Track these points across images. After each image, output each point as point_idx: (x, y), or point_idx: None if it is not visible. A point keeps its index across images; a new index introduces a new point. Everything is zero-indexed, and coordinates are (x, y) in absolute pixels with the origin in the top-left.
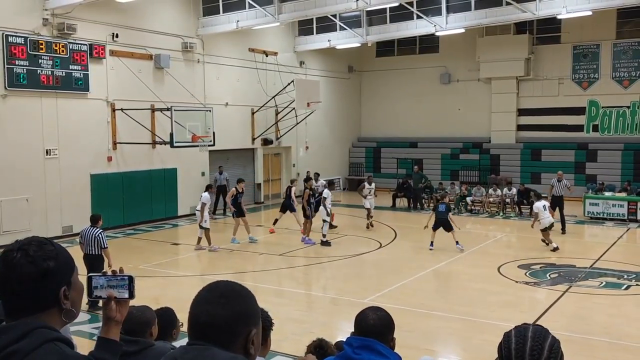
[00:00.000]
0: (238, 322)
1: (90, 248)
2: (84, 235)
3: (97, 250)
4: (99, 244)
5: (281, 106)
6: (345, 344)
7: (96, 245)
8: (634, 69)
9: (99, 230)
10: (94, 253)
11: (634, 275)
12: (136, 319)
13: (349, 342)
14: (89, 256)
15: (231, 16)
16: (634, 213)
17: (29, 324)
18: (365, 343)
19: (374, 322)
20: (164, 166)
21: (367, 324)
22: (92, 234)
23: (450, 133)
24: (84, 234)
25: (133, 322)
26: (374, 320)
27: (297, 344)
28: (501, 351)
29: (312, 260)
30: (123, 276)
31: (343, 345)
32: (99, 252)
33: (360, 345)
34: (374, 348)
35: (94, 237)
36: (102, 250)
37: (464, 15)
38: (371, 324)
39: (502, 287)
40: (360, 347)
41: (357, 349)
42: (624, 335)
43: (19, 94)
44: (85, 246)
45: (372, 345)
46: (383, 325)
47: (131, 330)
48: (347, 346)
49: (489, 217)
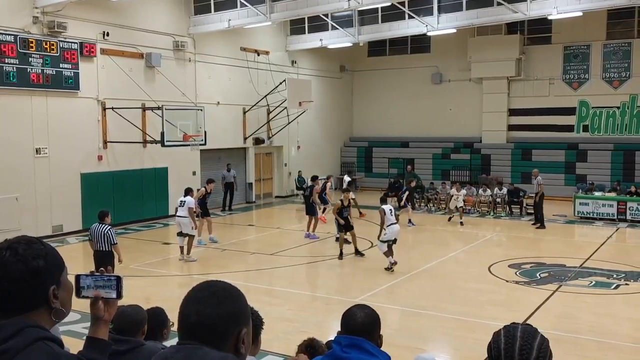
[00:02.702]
0: (228, 321)
1: (100, 245)
2: (93, 232)
3: (107, 247)
4: (108, 240)
5: (273, 105)
6: (334, 343)
7: (106, 242)
8: (624, 70)
9: (107, 227)
10: (104, 249)
11: (624, 275)
12: (130, 318)
13: (338, 341)
14: (99, 252)
15: (223, 15)
16: (624, 213)
17: (18, 323)
18: (354, 342)
19: (361, 320)
20: (154, 165)
21: (355, 322)
22: (101, 231)
23: (441, 133)
24: (92, 231)
25: (127, 320)
26: (362, 319)
27: (288, 344)
28: (491, 351)
29: (303, 260)
30: (110, 276)
31: (331, 344)
32: (109, 248)
33: (349, 344)
34: (362, 347)
35: (103, 233)
36: (112, 246)
37: (455, 15)
38: (359, 322)
39: (493, 287)
40: (349, 346)
41: (346, 347)
42: (613, 334)
43: (8, 93)
44: (95, 243)
45: (361, 344)
46: (371, 323)
47: (124, 329)
48: (335, 345)
49: (480, 216)
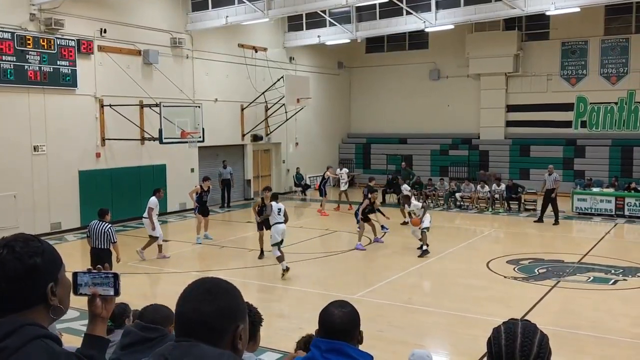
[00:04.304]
0: (224, 318)
1: (98, 242)
2: (92, 229)
3: (106, 245)
4: (108, 239)
5: (271, 102)
6: (313, 346)
7: (105, 240)
8: (621, 66)
9: (107, 225)
10: (102, 247)
11: (622, 270)
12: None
13: (317, 345)
14: (96, 250)
15: (220, 12)
16: (622, 208)
17: (16, 321)
18: (334, 346)
19: (340, 320)
20: (152, 162)
21: (333, 322)
22: (101, 229)
23: (439, 129)
24: (92, 228)
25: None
26: (340, 318)
27: (287, 340)
28: (491, 347)
29: (302, 257)
30: (108, 274)
31: (310, 347)
32: (108, 246)
33: (329, 349)
34: (343, 351)
35: (103, 231)
36: (112, 244)
37: (453, 11)
38: (338, 322)
39: (491, 283)
40: (329, 351)
41: (326, 352)
42: (611, 330)
43: (5, 90)
44: (93, 240)
45: (342, 348)
46: (349, 321)
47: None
48: (314, 349)
49: (478, 212)
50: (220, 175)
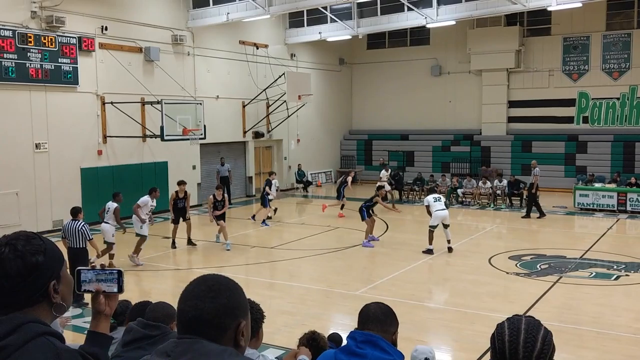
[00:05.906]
0: (226, 314)
1: (74, 242)
2: (66, 229)
3: (82, 243)
4: (83, 237)
5: (272, 99)
6: (349, 338)
7: (81, 238)
8: (623, 61)
9: (81, 223)
10: (79, 246)
11: (624, 266)
12: (165, 310)
13: (353, 336)
14: (73, 249)
15: (221, 8)
16: (624, 204)
17: (18, 318)
18: (369, 338)
19: (374, 310)
20: (154, 160)
21: (368, 311)
22: (75, 228)
23: (441, 125)
24: (66, 228)
25: (162, 312)
26: (375, 310)
27: (290, 336)
28: (494, 343)
29: (304, 253)
30: (112, 270)
31: (346, 339)
32: (84, 244)
33: (364, 340)
34: (377, 344)
35: (77, 230)
36: (88, 242)
37: (454, 7)
38: (372, 312)
39: (493, 278)
40: (364, 342)
41: (361, 343)
42: (613, 325)
43: (7, 88)
44: (68, 240)
45: (376, 341)
46: (383, 313)
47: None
48: (350, 340)
49: (480, 208)
50: (219, 173)
